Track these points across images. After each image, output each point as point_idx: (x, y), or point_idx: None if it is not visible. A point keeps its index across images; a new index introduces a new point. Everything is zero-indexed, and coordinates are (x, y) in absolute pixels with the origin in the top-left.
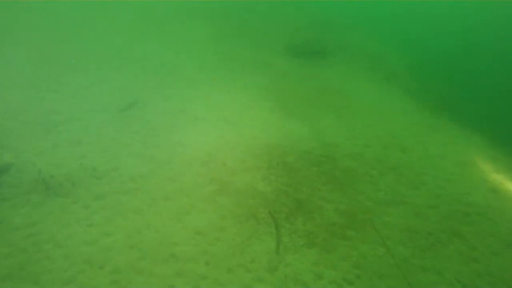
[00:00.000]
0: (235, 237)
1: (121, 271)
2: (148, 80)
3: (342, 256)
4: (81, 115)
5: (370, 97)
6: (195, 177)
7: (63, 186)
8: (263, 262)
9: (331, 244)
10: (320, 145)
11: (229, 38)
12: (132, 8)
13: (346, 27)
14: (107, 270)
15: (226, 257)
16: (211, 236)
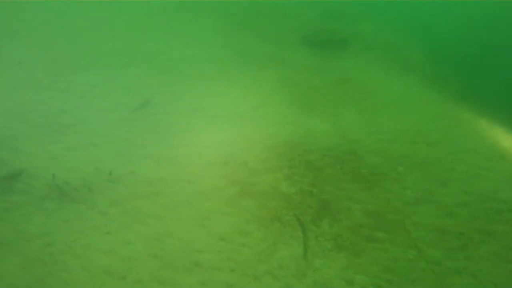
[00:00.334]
0: (261, 242)
1: (144, 282)
2: (159, 77)
3: (372, 260)
4: (92, 116)
5: (391, 89)
6: (216, 179)
7: (79, 192)
8: (291, 268)
9: (360, 247)
10: (343, 142)
11: (240, 31)
12: (140, 5)
13: (362, 16)
14: (129, 281)
15: (252, 264)
16: (236, 242)
